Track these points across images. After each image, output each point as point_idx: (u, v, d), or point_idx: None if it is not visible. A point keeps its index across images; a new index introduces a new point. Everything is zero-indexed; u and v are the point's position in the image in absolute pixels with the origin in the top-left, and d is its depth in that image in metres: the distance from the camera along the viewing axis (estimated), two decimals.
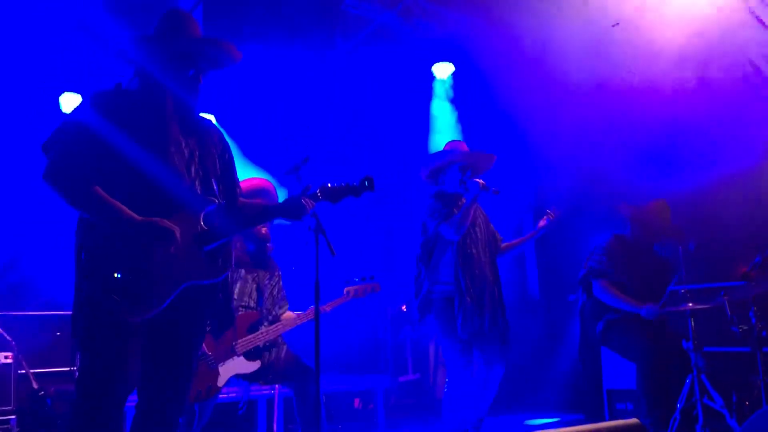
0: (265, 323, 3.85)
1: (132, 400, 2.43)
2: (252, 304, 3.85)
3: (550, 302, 6.91)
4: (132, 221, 2.29)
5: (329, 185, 2.92)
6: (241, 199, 2.78)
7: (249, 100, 6.72)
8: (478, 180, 4.04)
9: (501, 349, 4.07)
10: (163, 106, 2.53)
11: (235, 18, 6.05)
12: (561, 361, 6.11)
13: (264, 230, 3.95)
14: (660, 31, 5.61)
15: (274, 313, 3.96)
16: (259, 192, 3.92)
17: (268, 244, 4.04)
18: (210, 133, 2.67)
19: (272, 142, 6.75)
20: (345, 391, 6.13)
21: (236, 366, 3.70)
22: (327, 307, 3.95)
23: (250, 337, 3.75)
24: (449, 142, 4.42)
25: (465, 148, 4.30)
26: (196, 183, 2.53)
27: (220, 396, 4.28)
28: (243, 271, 3.89)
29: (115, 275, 2.25)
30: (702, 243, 4.48)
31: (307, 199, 2.79)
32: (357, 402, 6.41)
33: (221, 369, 3.64)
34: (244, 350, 3.71)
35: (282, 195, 5.06)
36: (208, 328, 2.63)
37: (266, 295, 3.95)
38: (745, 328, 4.37)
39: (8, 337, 5.22)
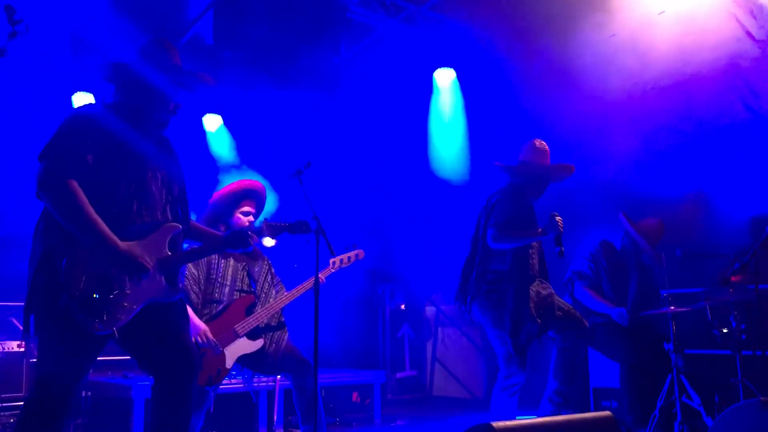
0: (259, 306, 4.04)
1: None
2: (245, 288, 4.05)
3: None
4: (116, 249, 2.52)
5: (272, 223, 3.26)
6: (194, 224, 3.02)
7: (254, 104, 6.93)
8: (558, 221, 3.85)
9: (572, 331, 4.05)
10: (143, 129, 2.73)
11: (244, 24, 6.25)
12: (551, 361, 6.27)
13: (246, 223, 4.07)
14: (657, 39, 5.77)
15: (272, 295, 4.15)
16: (249, 193, 4.09)
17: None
18: (174, 158, 2.87)
19: (275, 146, 6.94)
20: (344, 384, 6.32)
21: (240, 347, 3.89)
22: (321, 276, 3.96)
23: (249, 318, 3.94)
24: (536, 141, 4.23)
25: (548, 152, 4.22)
26: (167, 208, 2.76)
27: (224, 386, 4.49)
28: (231, 259, 4.07)
29: (94, 296, 2.48)
30: (687, 250, 4.67)
31: (253, 234, 3.05)
32: (355, 396, 6.61)
33: (227, 352, 3.84)
34: (245, 331, 3.91)
35: (275, 198, 5.25)
36: None
37: (260, 280, 4.14)
38: (726, 331, 4.56)
39: (21, 326, 5.44)
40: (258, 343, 3.93)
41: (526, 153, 4.21)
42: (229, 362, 3.84)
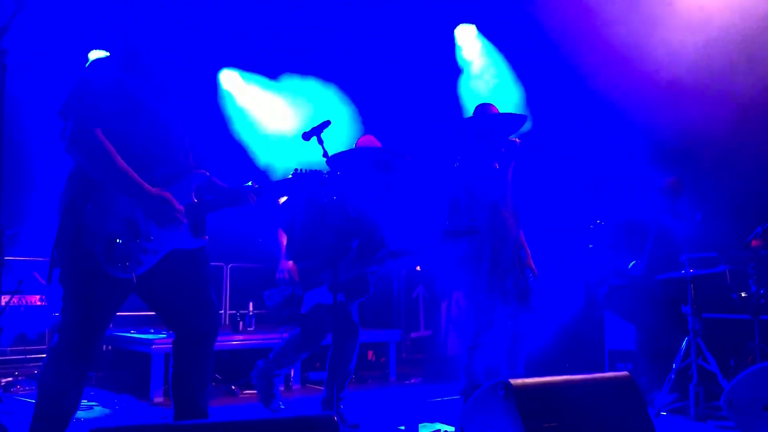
0: None
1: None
2: None
3: None
4: (149, 195, 2.53)
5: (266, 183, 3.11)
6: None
7: (276, 62, 6.88)
8: (515, 139, 4.09)
9: (522, 308, 4.18)
10: (153, 80, 2.71)
11: None
12: (566, 323, 6.29)
13: None
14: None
15: None
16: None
17: None
18: (187, 109, 2.84)
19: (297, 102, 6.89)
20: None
21: (318, 296, 4.00)
22: None
23: None
24: (480, 104, 4.43)
25: (495, 110, 4.33)
26: (190, 154, 2.75)
27: (241, 342, 4.52)
28: None
29: (117, 240, 2.51)
30: (707, 214, 4.62)
31: (252, 195, 2.95)
32: (370, 354, 6.69)
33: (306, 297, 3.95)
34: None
35: None
36: None
37: None
38: (745, 295, 4.54)
39: (43, 281, 5.55)
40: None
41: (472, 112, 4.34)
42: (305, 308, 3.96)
